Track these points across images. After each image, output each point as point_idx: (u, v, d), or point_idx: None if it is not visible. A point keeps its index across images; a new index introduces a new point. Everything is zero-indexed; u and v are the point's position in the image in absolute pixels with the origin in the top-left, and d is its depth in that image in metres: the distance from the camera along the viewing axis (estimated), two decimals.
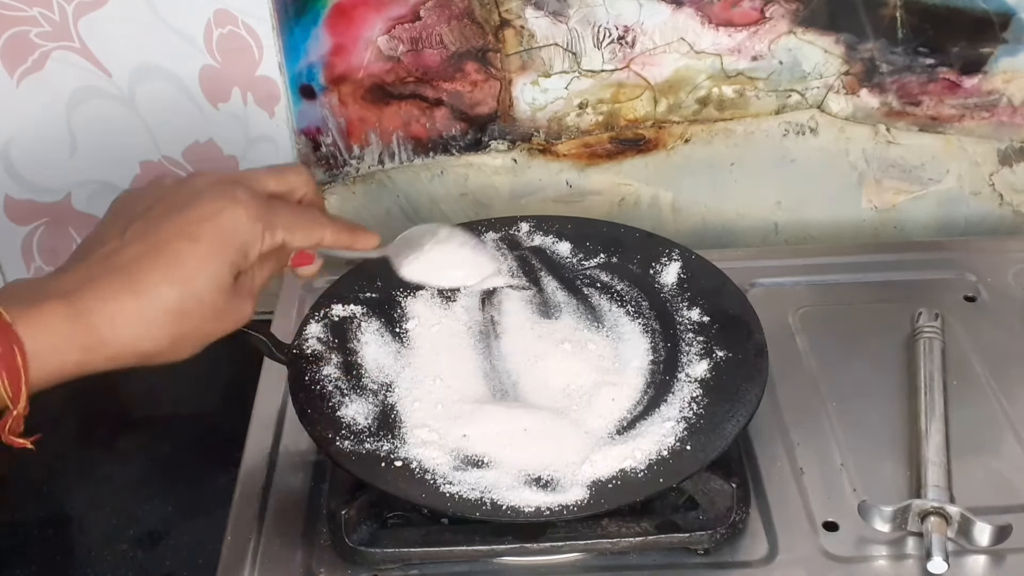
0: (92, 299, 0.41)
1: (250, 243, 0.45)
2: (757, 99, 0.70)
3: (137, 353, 0.43)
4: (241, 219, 0.44)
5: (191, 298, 0.43)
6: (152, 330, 0.42)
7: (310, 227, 0.48)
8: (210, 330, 0.45)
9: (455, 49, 0.67)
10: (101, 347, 0.42)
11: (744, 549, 0.49)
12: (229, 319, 0.45)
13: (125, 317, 0.42)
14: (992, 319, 0.63)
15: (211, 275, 0.43)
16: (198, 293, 0.43)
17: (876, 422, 0.56)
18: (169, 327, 0.43)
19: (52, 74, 0.66)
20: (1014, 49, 0.68)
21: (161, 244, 0.43)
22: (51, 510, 0.60)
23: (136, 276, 0.42)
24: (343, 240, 0.49)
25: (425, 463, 0.50)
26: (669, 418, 0.52)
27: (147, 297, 0.42)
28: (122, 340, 0.42)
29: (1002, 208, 0.75)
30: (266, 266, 0.48)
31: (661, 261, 0.61)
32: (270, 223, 0.45)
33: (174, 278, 0.43)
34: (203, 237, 0.44)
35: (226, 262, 0.44)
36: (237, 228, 0.44)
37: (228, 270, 0.44)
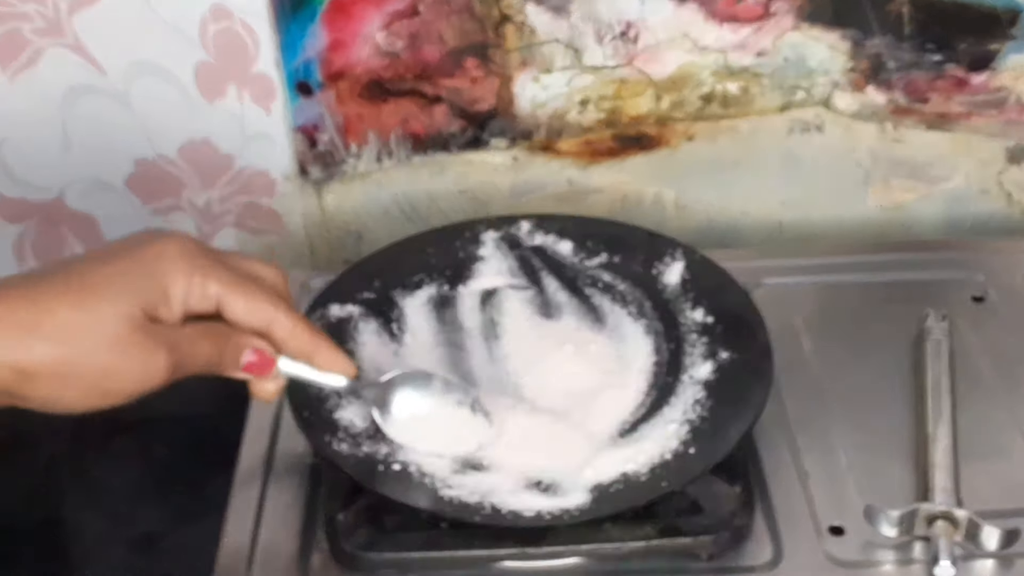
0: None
1: (171, 280, 0.40)
2: (762, 96, 0.69)
3: (13, 367, 0.38)
4: (169, 251, 0.41)
5: (86, 315, 0.38)
6: (32, 340, 0.38)
7: (256, 300, 0.42)
8: (105, 366, 0.39)
9: (454, 45, 0.67)
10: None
11: (748, 554, 0.49)
12: (133, 362, 0.39)
13: (7, 324, 0.38)
14: (1001, 320, 0.62)
15: (114, 296, 0.39)
16: (96, 312, 0.39)
17: (882, 425, 0.55)
18: (54, 343, 0.38)
19: (46, 71, 0.65)
20: (1022, 46, 0.68)
21: (74, 265, 0.40)
22: (46, 513, 0.60)
23: (35, 291, 0.39)
24: (301, 341, 0.43)
25: (424, 466, 0.50)
26: (672, 421, 0.52)
27: (37, 308, 0.38)
28: None
29: (1011, 207, 0.74)
30: (204, 340, 0.42)
31: (664, 261, 0.61)
32: (203, 270, 0.41)
33: (72, 291, 0.39)
34: (118, 261, 0.40)
35: (135, 288, 0.40)
36: (160, 258, 0.40)
37: (136, 297, 0.39)
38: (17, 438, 0.62)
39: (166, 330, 0.41)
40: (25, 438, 0.63)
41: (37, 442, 0.63)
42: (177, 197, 0.71)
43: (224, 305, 0.42)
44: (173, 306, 0.41)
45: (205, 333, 0.42)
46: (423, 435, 0.50)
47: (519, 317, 0.58)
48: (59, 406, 0.40)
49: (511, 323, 0.58)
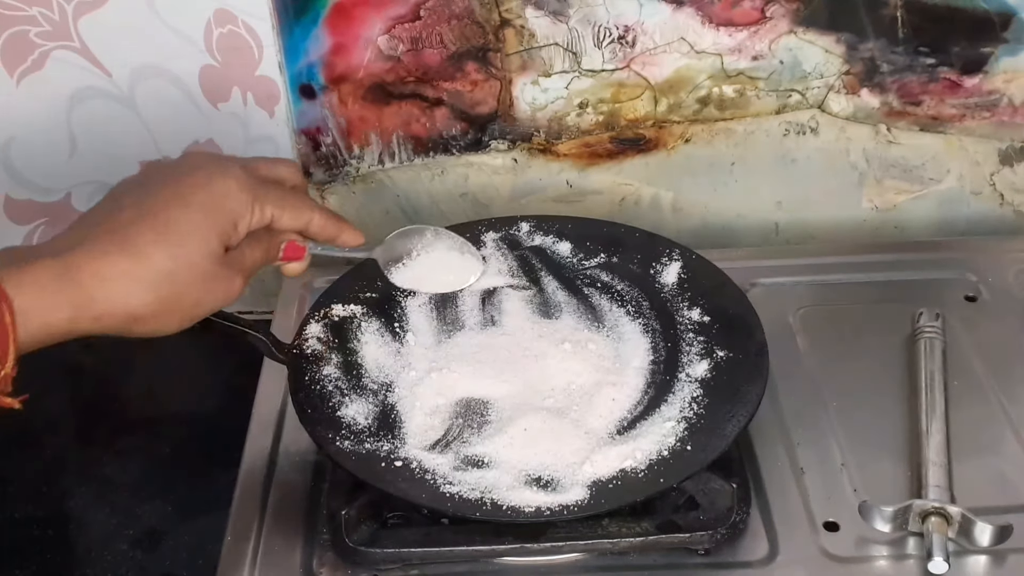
0: (83, 257, 0.42)
1: (239, 214, 0.46)
2: (758, 99, 0.70)
3: (126, 313, 0.43)
4: (232, 189, 0.46)
5: (181, 259, 0.43)
6: (141, 289, 0.42)
7: (299, 208, 0.49)
8: (198, 297, 0.45)
9: (455, 49, 0.67)
10: (90, 304, 0.41)
11: (744, 549, 0.49)
12: (218, 290, 0.45)
13: (114, 274, 0.42)
14: (993, 319, 0.63)
15: (202, 239, 0.44)
16: (188, 255, 0.44)
17: (877, 422, 0.56)
18: (158, 288, 0.43)
19: (52, 74, 0.66)
20: (1015, 49, 0.68)
21: (155, 208, 0.44)
22: (51, 510, 0.60)
23: (128, 237, 0.43)
24: (329, 229, 0.50)
25: (425, 463, 0.50)
26: (670, 418, 0.52)
27: (137, 256, 0.42)
28: (111, 298, 0.42)
29: (1003, 208, 0.75)
30: (256, 247, 0.48)
31: (661, 261, 0.61)
32: (260, 197, 0.46)
33: (165, 240, 0.43)
34: (194, 203, 0.45)
35: (216, 228, 0.45)
36: (228, 197, 0.45)
37: (218, 237, 0.45)
38: (23, 435, 0.63)
39: (236, 254, 0.47)
40: (30, 435, 0.63)
41: (42, 439, 0.64)
42: None
43: (275, 220, 0.48)
44: (241, 233, 0.47)
45: (255, 241, 0.48)
46: (425, 279, 0.56)
47: (519, 316, 0.58)
48: (158, 334, 0.45)
49: (511, 322, 0.58)
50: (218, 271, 0.45)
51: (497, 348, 0.57)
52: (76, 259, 0.42)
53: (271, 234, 0.49)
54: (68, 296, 0.41)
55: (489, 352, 0.56)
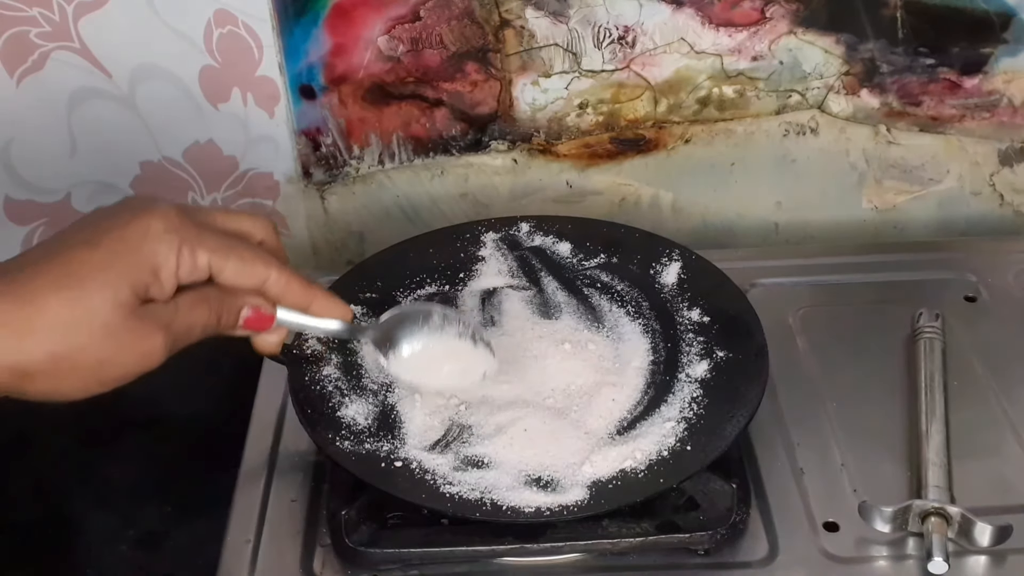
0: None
1: (160, 258, 0.39)
2: (757, 99, 0.70)
3: (13, 367, 0.37)
4: (153, 229, 0.39)
5: (79, 308, 0.37)
6: (30, 341, 0.37)
7: (249, 261, 0.41)
8: (101, 357, 0.38)
9: (455, 49, 0.67)
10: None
11: (744, 549, 0.49)
12: (129, 349, 0.39)
13: (3, 320, 0.37)
14: (993, 319, 0.63)
15: (105, 284, 0.38)
16: (88, 304, 0.37)
17: (876, 422, 0.56)
18: (50, 341, 0.37)
19: (52, 74, 0.66)
20: (1014, 49, 0.68)
21: (59, 251, 0.38)
22: (51, 510, 0.60)
23: (21, 282, 0.37)
24: (295, 293, 0.43)
25: (425, 463, 0.50)
26: (669, 418, 0.52)
27: (28, 303, 0.37)
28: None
29: (1003, 208, 0.75)
30: (198, 307, 0.41)
31: (661, 261, 0.61)
32: (191, 242, 0.40)
33: (62, 285, 0.37)
34: (103, 243, 0.38)
35: (126, 273, 0.38)
36: (146, 238, 0.39)
37: (128, 284, 0.38)
38: (22, 436, 0.63)
39: (159, 309, 0.40)
40: (30, 436, 0.63)
41: (41, 440, 0.64)
42: (182, 199, 0.71)
43: (216, 272, 0.41)
44: (164, 283, 0.40)
45: (199, 300, 0.41)
46: (428, 371, 0.49)
47: (519, 317, 0.58)
48: (57, 397, 0.39)
49: (511, 323, 0.58)
50: (128, 325, 0.38)
51: (497, 348, 0.57)
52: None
53: (221, 294, 0.42)
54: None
55: None
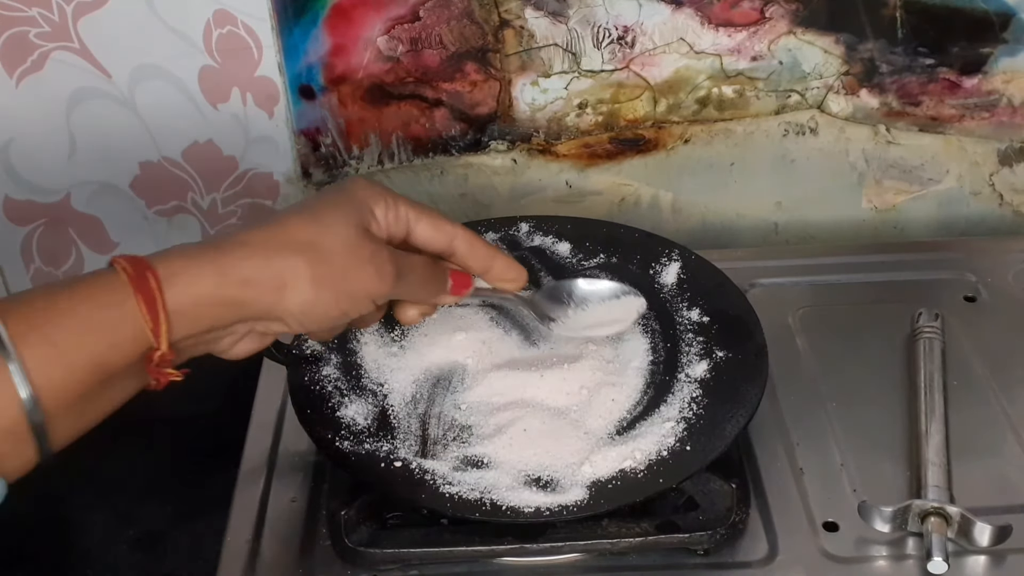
0: (228, 233, 0.42)
1: (373, 202, 0.45)
2: (757, 99, 0.70)
3: (273, 276, 0.41)
4: (360, 183, 0.46)
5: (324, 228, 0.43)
6: (286, 251, 0.42)
7: (439, 219, 0.47)
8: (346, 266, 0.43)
9: (455, 49, 0.67)
10: (234, 266, 0.41)
11: (744, 549, 0.49)
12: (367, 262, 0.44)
13: (257, 240, 0.42)
14: (992, 319, 0.63)
15: (337, 214, 0.44)
16: (330, 224, 0.43)
17: (876, 422, 0.56)
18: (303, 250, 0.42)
19: (51, 74, 0.66)
20: (1014, 49, 0.68)
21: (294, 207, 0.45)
22: (51, 510, 0.60)
23: (271, 220, 0.43)
24: (479, 252, 0.48)
25: (424, 463, 0.50)
26: (669, 418, 0.52)
27: (280, 225, 0.43)
28: (254, 259, 0.41)
29: (1002, 208, 0.75)
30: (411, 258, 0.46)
31: (661, 261, 0.61)
32: (393, 195, 0.46)
33: (305, 216, 0.43)
34: (328, 193, 0.45)
35: (351, 210, 0.44)
36: (357, 186, 0.45)
37: (356, 213, 0.44)
38: None
39: (383, 243, 0.45)
40: None
41: None
42: (182, 199, 0.71)
43: (413, 223, 0.47)
44: (380, 223, 0.45)
45: (413, 257, 0.46)
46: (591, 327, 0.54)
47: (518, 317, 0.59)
48: (316, 312, 0.43)
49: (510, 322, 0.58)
50: (362, 242, 0.44)
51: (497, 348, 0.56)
52: (221, 236, 0.42)
53: (431, 258, 0.47)
54: (211, 258, 0.40)
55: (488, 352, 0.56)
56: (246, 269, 0.41)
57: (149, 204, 0.71)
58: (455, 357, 0.56)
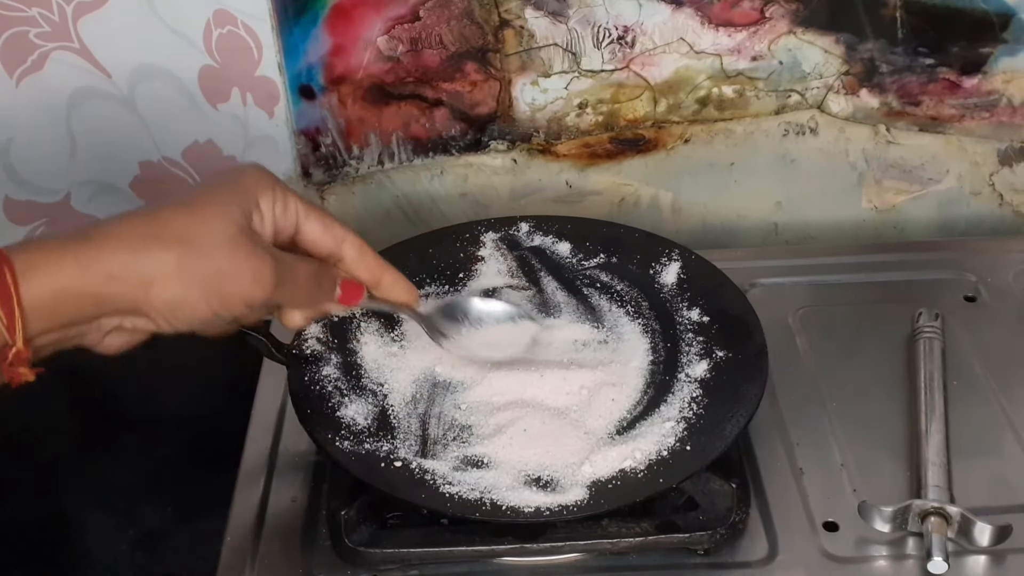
0: (94, 225, 0.40)
1: (260, 193, 0.43)
2: (757, 99, 0.70)
3: (138, 273, 0.39)
4: (252, 170, 0.44)
5: (198, 220, 0.40)
6: (154, 246, 0.40)
7: (329, 219, 0.45)
8: (220, 265, 0.40)
9: (455, 49, 0.67)
10: (97, 258, 0.38)
11: (744, 549, 0.49)
12: (243, 263, 0.41)
13: (125, 232, 0.40)
14: (992, 319, 0.63)
15: (219, 206, 0.41)
16: (206, 217, 0.41)
17: (876, 422, 0.56)
18: (172, 245, 0.40)
19: (52, 74, 0.66)
20: (1014, 49, 0.68)
21: (176, 196, 0.42)
22: (51, 510, 0.60)
23: (145, 210, 0.41)
24: (369, 261, 0.46)
25: (425, 463, 0.50)
26: (669, 418, 0.52)
27: (151, 217, 0.40)
28: (119, 253, 0.39)
29: (1002, 208, 0.75)
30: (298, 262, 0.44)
31: (661, 261, 0.61)
32: (283, 188, 0.44)
33: (182, 207, 0.41)
34: (212, 181, 0.43)
35: (235, 200, 0.42)
36: (246, 176, 0.43)
37: (238, 206, 0.42)
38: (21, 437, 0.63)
39: (265, 242, 0.43)
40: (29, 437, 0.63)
41: (42, 440, 0.64)
42: None
43: (302, 220, 0.45)
44: (265, 217, 0.43)
45: (300, 259, 0.44)
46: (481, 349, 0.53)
47: None
48: (184, 312, 0.41)
49: None
50: (241, 240, 0.41)
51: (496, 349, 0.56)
52: (87, 227, 0.40)
53: (319, 262, 0.45)
54: (73, 251, 0.38)
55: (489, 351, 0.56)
56: (111, 264, 0.39)
57: (149, 204, 0.71)
58: (455, 357, 0.56)
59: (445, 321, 0.54)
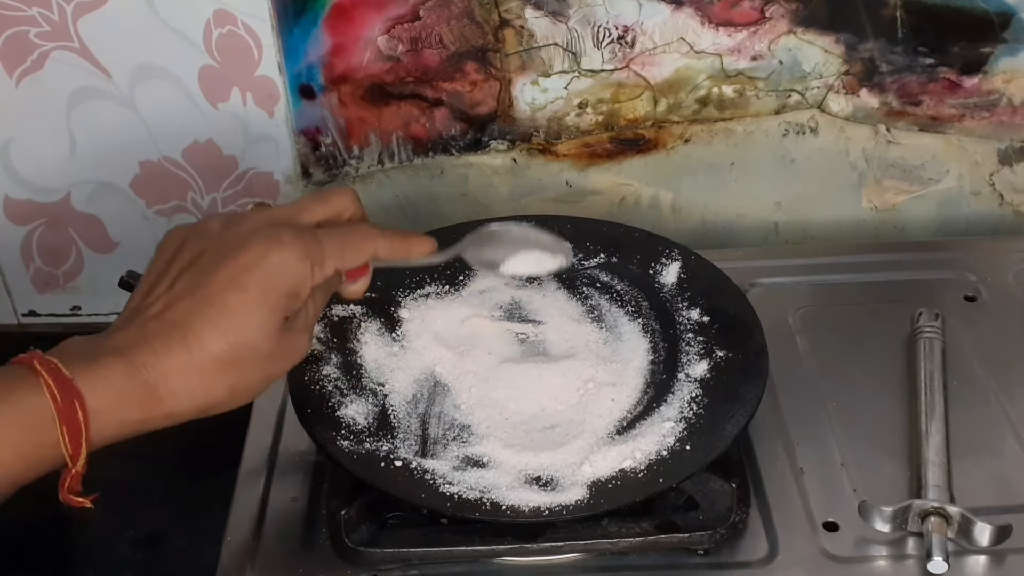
0: (147, 355, 0.41)
1: (300, 284, 0.44)
2: (757, 99, 0.70)
3: (195, 407, 0.43)
4: (288, 262, 0.44)
5: (242, 348, 0.43)
6: (206, 383, 0.42)
7: (360, 246, 0.47)
8: (267, 373, 0.44)
9: (455, 49, 0.67)
10: (158, 404, 0.42)
11: (744, 549, 0.49)
12: (284, 359, 0.45)
13: (178, 372, 0.42)
14: (992, 319, 0.63)
15: (261, 323, 0.43)
16: (249, 342, 0.43)
17: (876, 422, 0.56)
18: (223, 378, 0.43)
19: (51, 74, 0.66)
20: (1014, 49, 0.68)
21: (211, 296, 0.43)
22: (51, 510, 0.60)
23: (187, 330, 0.42)
24: (398, 251, 0.49)
25: (425, 463, 0.50)
26: (669, 418, 0.52)
27: (199, 350, 0.42)
28: (178, 396, 0.42)
29: (1002, 208, 0.75)
30: (320, 295, 0.47)
31: (661, 261, 0.61)
32: (319, 257, 0.45)
33: (224, 329, 0.42)
34: (251, 286, 0.43)
35: (276, 308, 0.44)
36: (285, 271, 0.44)
37: (279, 315, 0.44)
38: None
39: (300, 315, 0.46)
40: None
41: None
42: (182, 199, 0.71)
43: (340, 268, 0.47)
44: (303, 296, 0.45)
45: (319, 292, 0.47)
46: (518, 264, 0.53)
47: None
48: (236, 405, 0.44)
49: None
50: (281, 343, 0.44)
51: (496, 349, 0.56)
52: (141, 357, 0.41)
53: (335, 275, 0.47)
54: (138, 397, 0.41)
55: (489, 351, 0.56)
56: (169, 403, 0.42)
57: (149, 204, 0.71)
58: (455, 356, 0.56)
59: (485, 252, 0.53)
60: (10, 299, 0.75)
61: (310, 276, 0.45)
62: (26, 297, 0.75)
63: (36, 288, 0.74)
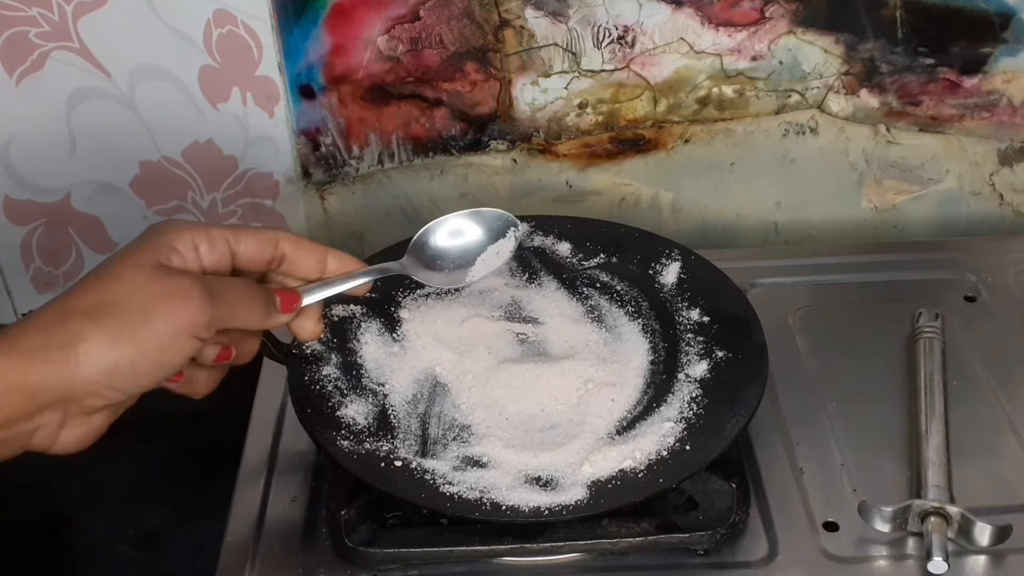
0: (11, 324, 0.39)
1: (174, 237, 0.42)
2: (757, 99, 0.70)
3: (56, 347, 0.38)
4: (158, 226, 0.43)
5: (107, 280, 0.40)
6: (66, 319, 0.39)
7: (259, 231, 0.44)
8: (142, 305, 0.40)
9: (455, 49, 0.67)
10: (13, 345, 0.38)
11: (744, 549, 0.49)
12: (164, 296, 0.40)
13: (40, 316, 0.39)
14: (992, 319, 0.63)
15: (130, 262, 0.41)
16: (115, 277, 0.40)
17: (876, 422, 0.56)
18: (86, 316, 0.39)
19: (51, 74, 0.66)
20: (1014, 49, 0.68)
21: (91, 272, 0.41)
22: (50, 511, 0.60)
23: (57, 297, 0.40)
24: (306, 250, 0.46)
25: (425, 463, 0.50)
26: (669, 418, 0.52)
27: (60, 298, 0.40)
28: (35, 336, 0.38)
29: (1002, 208, 0.75)
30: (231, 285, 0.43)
31: (661, 261, 0.61)
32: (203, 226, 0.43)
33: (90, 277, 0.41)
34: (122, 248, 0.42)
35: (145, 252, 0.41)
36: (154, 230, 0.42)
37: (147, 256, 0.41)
38: None
39: (185, 272, 0.42)
40: None
41: None
42: (181, 199, 0.71)
43: (234, 244, 0.44)
44: (186, 256, 0.42)
45: (226, 278, 0.43)
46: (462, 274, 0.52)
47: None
48: (125, 374, 0.39)
49: None
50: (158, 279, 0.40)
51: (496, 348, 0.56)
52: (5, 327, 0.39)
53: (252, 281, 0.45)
54: None
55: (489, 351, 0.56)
56: (28, 344, 0.38)
57: (149, 204, 0.71)
58: (455, 356, 0.56)
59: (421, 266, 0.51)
60: (10, 299, 0.75)
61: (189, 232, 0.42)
62: (26, 297, 0.75)
63: (36, 288, 0.74)
